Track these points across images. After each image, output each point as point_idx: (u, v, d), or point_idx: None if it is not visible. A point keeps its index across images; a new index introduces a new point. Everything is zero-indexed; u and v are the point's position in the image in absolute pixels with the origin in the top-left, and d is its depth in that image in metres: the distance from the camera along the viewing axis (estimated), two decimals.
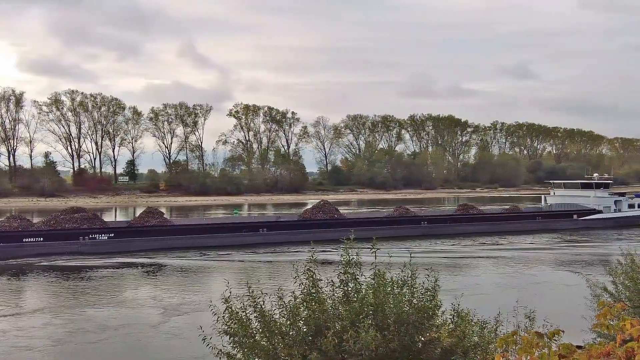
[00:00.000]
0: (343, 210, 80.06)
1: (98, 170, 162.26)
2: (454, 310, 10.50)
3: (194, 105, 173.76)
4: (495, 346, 6.14)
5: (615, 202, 70.04)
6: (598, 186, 71.69)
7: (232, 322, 9.59)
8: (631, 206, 71.08)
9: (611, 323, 4.29)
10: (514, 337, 4.11)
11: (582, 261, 43.49)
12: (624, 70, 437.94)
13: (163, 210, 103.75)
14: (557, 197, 73.36)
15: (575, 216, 67.27)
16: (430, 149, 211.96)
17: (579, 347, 4.41)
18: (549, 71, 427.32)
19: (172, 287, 34.46)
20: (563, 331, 4.35)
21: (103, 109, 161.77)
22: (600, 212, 68.23)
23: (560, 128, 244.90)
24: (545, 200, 74.85)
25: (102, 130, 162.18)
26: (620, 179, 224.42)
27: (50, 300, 31.50)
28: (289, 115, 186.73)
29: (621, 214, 69.38)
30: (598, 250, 49.59)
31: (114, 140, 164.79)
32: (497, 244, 53.13)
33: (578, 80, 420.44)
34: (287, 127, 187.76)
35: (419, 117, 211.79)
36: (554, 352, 3.98)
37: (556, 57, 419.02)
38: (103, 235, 48.91)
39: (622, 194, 74.57)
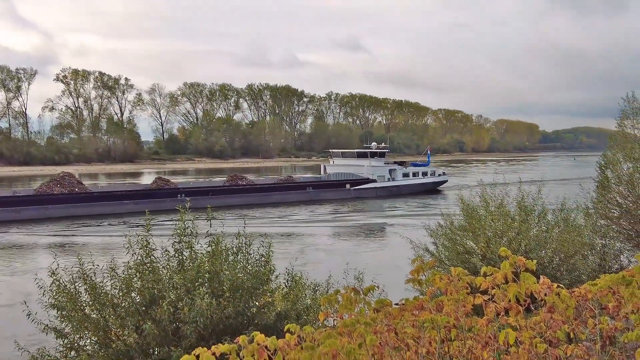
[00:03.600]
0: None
1: None
2: (288, 274, 10.86)
3: (16, 69, 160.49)
4: (320, 306, 6.50)
5: (390, 171, 69.72)
6: (373, 155, 70.36)
7: (60, 295, 9.24)
8: (405, 175, 71.12)
9: (422, 278, 4.70)
10: (337, 295, 4.39)
11: (359, 229, 42.71)
12: (446, 47, 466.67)
13: None
14: (335, 166, 71.74)
15: (348, 185, 65.97)
16: (267, 118, 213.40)
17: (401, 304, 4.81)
18: (378, 46, 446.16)
19: None
20: (377, 287, 4.72)
21: None
22: (373, 181, 67.51)
23: (390, 99, 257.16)
24: (325, 169, 72.77)
25: None
26: (443, 148, 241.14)
27: None
28: (122, 81, 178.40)
29: (393, 183, 69.24)
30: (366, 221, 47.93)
31: None
32: (257, 218, 48.56)
33: (405, 55, 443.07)
34: (120, 94, 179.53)
35: (257, 86, 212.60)
36: (371, 307, 4.32)
37: (385, 33, 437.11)
38: None
39: (402, 163, 74.22)
